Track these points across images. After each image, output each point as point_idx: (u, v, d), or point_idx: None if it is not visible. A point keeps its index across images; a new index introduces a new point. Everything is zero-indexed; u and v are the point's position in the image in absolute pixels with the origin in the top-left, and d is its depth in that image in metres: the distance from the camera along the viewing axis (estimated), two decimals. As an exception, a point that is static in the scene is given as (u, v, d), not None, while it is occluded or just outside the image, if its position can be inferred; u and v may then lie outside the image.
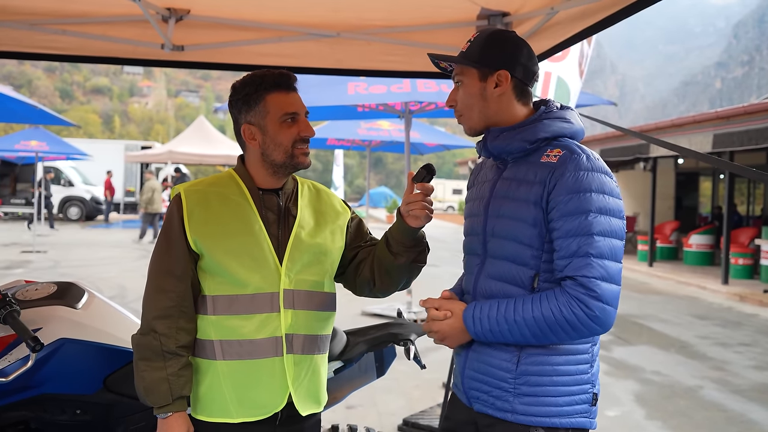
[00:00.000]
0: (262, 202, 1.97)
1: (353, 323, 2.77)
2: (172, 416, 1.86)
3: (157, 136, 68.82)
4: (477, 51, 1.84)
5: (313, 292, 1.99)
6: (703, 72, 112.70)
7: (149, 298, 1.91)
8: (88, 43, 3.69)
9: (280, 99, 1.94)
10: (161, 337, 1.86)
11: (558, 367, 1.75)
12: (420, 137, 11.73)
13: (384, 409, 5.07)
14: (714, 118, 12.91)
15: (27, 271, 12.05)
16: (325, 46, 3.82)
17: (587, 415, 1.80)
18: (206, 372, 1.91)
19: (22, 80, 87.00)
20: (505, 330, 1.71)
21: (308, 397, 1.99)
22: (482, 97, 1.84)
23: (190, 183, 2.01)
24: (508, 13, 3.52)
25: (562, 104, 1.91)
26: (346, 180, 40.76)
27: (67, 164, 25.97)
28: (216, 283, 1.91)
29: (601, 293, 1.65)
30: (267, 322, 1.90)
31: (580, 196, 1.69)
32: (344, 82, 6.76)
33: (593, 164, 1.73)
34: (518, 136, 1.81)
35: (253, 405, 1.90)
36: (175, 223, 1.92)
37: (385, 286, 2.07)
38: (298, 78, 2.05)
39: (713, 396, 5.99)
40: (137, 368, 1.88)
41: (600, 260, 1.66)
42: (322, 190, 2.14)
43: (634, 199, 22.70)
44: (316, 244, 2.00)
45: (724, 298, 12.13)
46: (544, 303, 1.68)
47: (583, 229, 1.67)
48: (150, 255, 1.97)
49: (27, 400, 2.18)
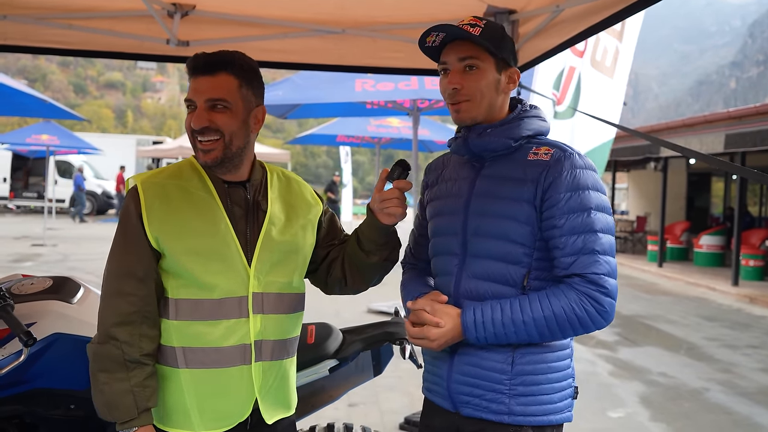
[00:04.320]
0: (228, 196, 1.80)
1: (359, 321, 2.75)
2: (137, 431, 1.71)
3: (169, 132, 69.04)
4: (498, 41, 1.75)
5: (282, 294, 1.86)
6: (718, 72, 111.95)
7: (107, 303, 1.74)
8: (94, 38, 3.71)
9: (193, 85, 1.75)
10: (123, 345, 1.69)
11: (552, 364, 1.76)
12: (430, 134, 11.72)
13: (386, 408, 5.06)
14: (726, 118, 12.81)
15: (36, 264, 12.14)
16: (329, 43, 3.81)
17: (570, 409, 1.81)
18: (169, 380, 1.77)
19: (37, 74, 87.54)
20: (512, 332, 1.68)
21: (276, 403, 1.87)
22: (496, 90, 1.78)
23: (147, 174, 1.83)
24: (514, 11, 3.51)
25: (531, 104, 1.89)
26: (357, 176, 40.80)
27: (79, 158, 26.10)
28: (179, 285, 1.75)
29: (610, 289, 1.67)
30: (235, 329, 1.76)
31: (580, 193, 1.69)
32: (351, 79, 6.75)
33: (585, 162, 1.75)
34: (503, 134, 1.79)
35: (217, 416, 1.77)
36: (132, 218, 1.74)
37: (356, 285, 1.98)
38: (305, 74, 1.96)
39: (719, 398, 5.94)
40: (96, 381, 1.71)
41: (605, 256, 1.67)
42: (292, 178, 1.99)
43: (645, 199, 22.58)
44: (286, 241, 1.85)
45: (734, 300, 12.03)
46: (554, 301, 1.66)
47: (586, 227, 1.67)
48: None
49: (20, 395, 2.17)
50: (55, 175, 23.77)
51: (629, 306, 10.75)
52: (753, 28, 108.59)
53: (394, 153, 59.14)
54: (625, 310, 10.33)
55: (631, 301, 11.30)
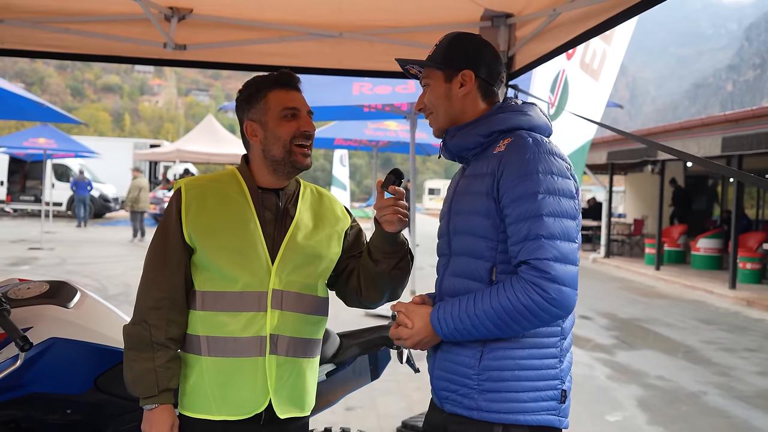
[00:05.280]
0: (261, 201, 1.97)
1: (357, 323, 2.76)
2: (157, 408, 1.87)
3: (167, 135, 69.09)
4: (441, 54, 1.88)
5: (303, 295, 1.98)
6: (715, 75, 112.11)
7: (143, 289, 1.93)
8: (91, 42, 3.70)
9: (280, 95, 1.97)
10: (151, 328, 1.88)
11: (521, 361, 1.72)
12: (428, 138, 11.70)
13: (383, 411, 5.05)
14: (723, 121, 12.84)
15: (33, 268, 12.11)
16: (327, 46, 3.81)
17: (555, 412, 1.75)
18: (193, 367, 1.92)
19: (34, 78, 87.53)
20: (469, 326, 1.69)
21: (290, 400, 1.97)
22: (447, 98, 1.87)
23: (192, 178, 2.03)
24: (511, 15, 3.52)
25: (524, 101, 1.92)
26: (354, 180, 40.75)
27: (76, 162, 26.08)
28: (206, 278, 1.92)
29: (555, 275, 1.61)
30: (253, 321, 1.90)
31: (525, 178, 1.67)
32: (349, 82, 6.75)
33: (540, 146, 1.72)
34: (473, 131, 1.83)
35: (234, 404, 1.90)
36: (172, 215, 1.93)
37: (371, 296, 2.06)
38: (302, 78, 2.06)
39: (717, 402, 5.95)
40: (126, 358, 1.90)
41: (551, 241, 1.63)
42: (324, 194, 2.14)
43: (642, 202, 22.61)
44: (310, 246, 1.99)
45: (731, 303, 12.04)
46: (501, 292, 1.65)
47: (532, 212, 1.65)
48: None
49: (17, 400, 2.17)
50: (52, 178, 23.76)
51: (626, 309, 10.76)
52: (749, 31, 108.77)
53: (392, 156, 58.92)
54: (622, 313, 10.33)
55: (628, 305, 11.30)
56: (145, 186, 18.50)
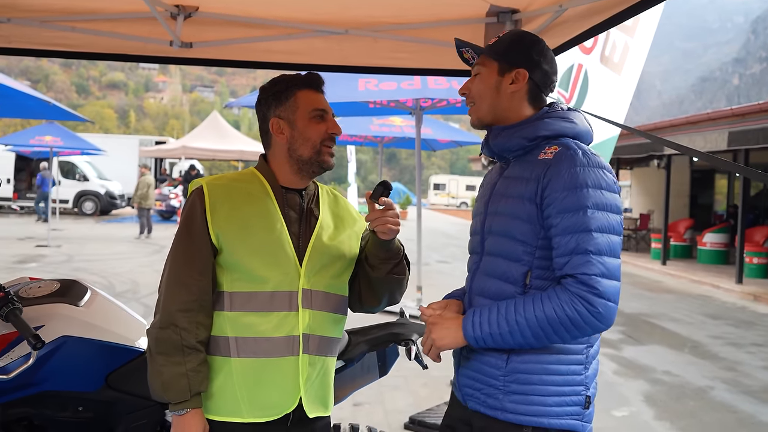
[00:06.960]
0: (285, 201, 1.98)
1: (365, 321, 2.76)
2: (189, 413, 1.83)
3: (172, 132, 69.13)
4: (502, 46, 1.88)
5: (329, 294, 2.00)
6: (721, 68, 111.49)
7: (170, 290, 1.87)
8: (97, 40, 3.71)
9: (310, 96, 1.98)
10: (182, 331, 1.82)
11: (548, 366, 1.74)
12: (432, 133, 11.72)
13: (391, 407, 5.07)
14: (729, 115, 12.79)
15: (40, 265, 12.15)
16: (333, 43, 3.81)
17: (579, 417, 1.77)
18: (219, 370, 1.89)
19: (39, 75, 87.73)
20: (506, 332, 1.70)
21: (317, 399, 1.98)
22: (496, 90, 1.86)
23: (212, 177, 2.01)
24: (517, 10, 3.50)
25: (569, 107, 1.91)
26: (360, 175, 40.75)
27: (82, 159, 26.15)
28: (233, 279, 1.89)
29: (602, 290, 1.63)
30: (285, 321, 1.89)
31: (576, 191, 1.68)
32: (354, 78, 6.76)
33: (590, 159, 1.73)
34: (518, 134, 1.83)
35: (264, 405, 1.89)
36: (197, 215, 1.90)
37: (369, 301, 2.10)
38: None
39: (724, 397, 5.94)
40: (154, 362, 1.83)
41: (599, 257, 1.65)
42: (339, 196, 2.16)
43: (648, 197, 22.55)
44: (335, 246, 2.01)
45: (738, 298, 12.02)
46: (546, 302, 1.66)
47: (580, 226, 1.66)
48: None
49: (29, 397, 2.19)
50: (58, 175, 23.81)
51: (633, 304, 10.75)
52: (756, 24, 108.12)
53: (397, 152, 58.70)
54: (628, 308, 10.32)
55: (634, 300, 11.29)
56: (153, 183, 18.56)
